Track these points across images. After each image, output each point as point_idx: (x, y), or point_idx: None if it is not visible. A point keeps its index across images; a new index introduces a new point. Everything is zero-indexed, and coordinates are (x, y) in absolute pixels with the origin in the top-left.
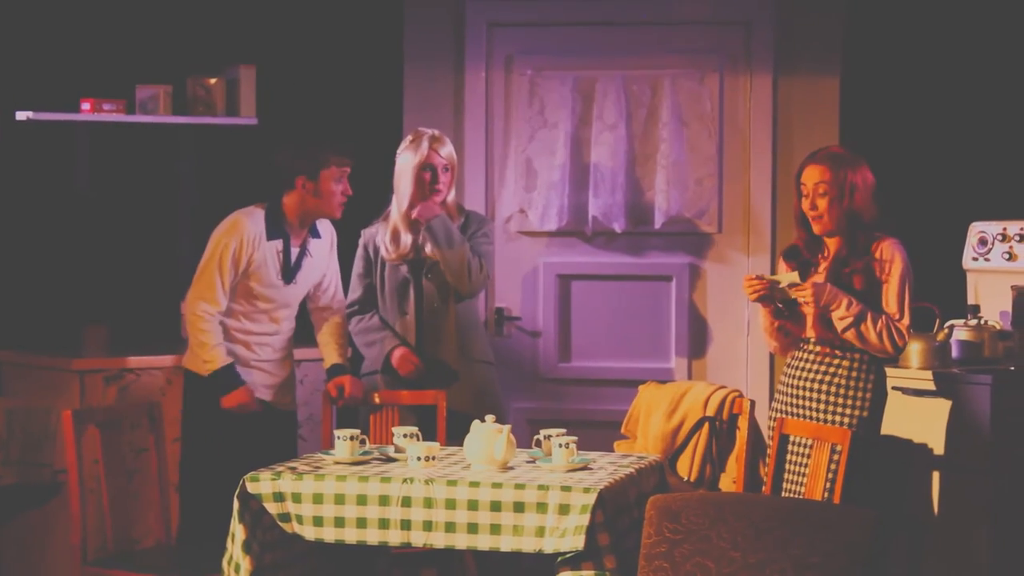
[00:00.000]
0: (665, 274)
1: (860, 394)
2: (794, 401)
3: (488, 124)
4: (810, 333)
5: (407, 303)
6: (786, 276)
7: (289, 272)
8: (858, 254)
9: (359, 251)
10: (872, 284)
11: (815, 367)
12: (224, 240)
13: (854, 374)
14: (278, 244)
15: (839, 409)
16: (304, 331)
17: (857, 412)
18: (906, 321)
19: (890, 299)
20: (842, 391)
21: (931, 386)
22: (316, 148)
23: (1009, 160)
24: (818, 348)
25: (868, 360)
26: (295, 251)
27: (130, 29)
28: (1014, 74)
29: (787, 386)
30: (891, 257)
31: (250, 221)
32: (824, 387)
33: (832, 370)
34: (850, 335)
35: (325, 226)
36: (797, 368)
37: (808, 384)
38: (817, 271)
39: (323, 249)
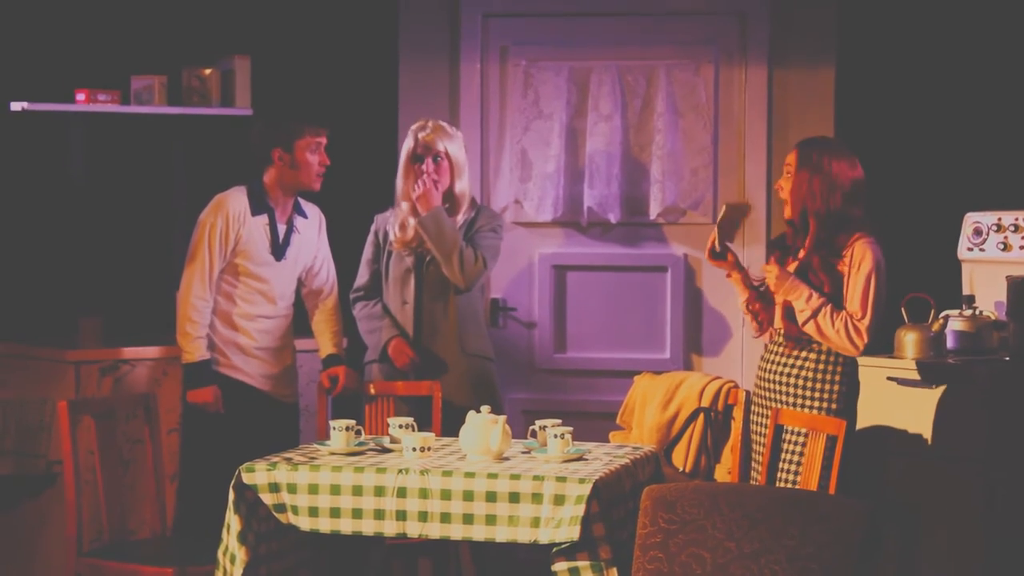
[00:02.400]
0: (660, 265)
1: (828, 387)
2: (766, 395)
3: (483, 115)
4: (779, 325)
5: (408, 292)
6: (737, 208)
7: (279, 248)
8: (817, 246)
9: (370, 236)
10: (837, 280)
11: (783, 359)
12: (210, 219)
13: (820, 367)
14: (264, 219)
15: (807, 403)
16: (300, 321)
17: (825, 406)
18: (867, 321)
19: (853, 297)
20: (809, 383)
21: (926, 376)
22: (289, 119)
23: (1004, 151)
24: (785, 341)
25: (835, 354)
26: (282, 227)
27: (125, 20)
28: (1010, 65)
29: (760, 379)
30: (861, 256)
31: (233, 199)
32: (792, 380)
33: (799, 363)
34: (810, 328)
35: (312, 208)
36: (768, 361)
37: (777, 377)
38: (796, 259)
39: (311, 228)
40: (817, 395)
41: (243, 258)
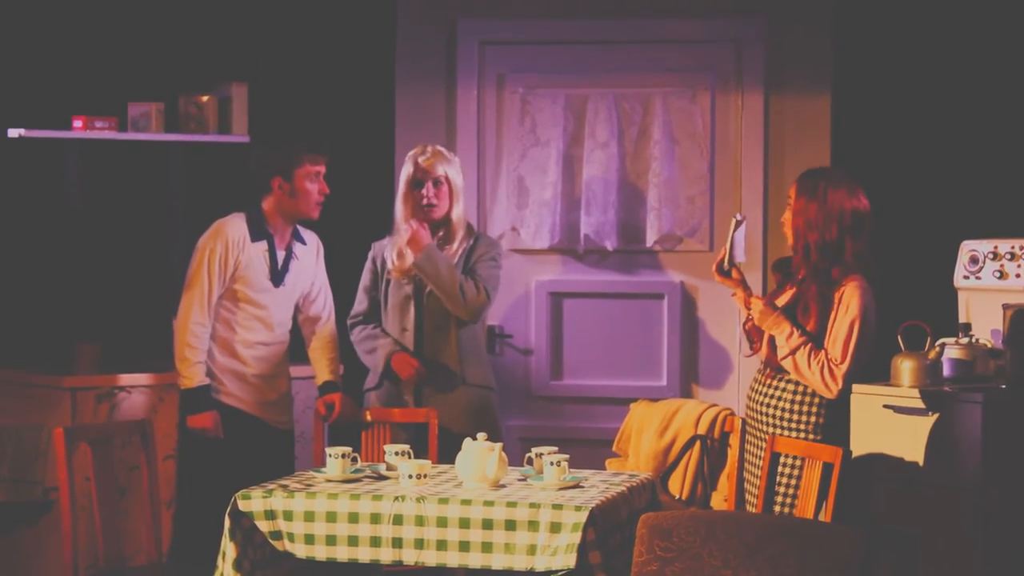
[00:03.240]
0: (657, 292)
1: (804, 418)
2: (754, 422)
3: (480, 142)
4: (764, 352)
5: (407, 320)
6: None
7: (277, 275)
8: (814, 275)
9: (367, 264)
10: (823, 319)
11: (764, 389)
12: (210, 244)
13: (798, 398)
14: (263, 246)
15: (785, 434)
16: (296, 348)
17: (802, 437)
18: (845, 367)
19: (836, 341)
20: (786, 414)
21: (922, 404)
22: (289, 147)
23: (1000, 178)
24: (767, 371)
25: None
26: (281, 254)
27: (122, 47)
28: (1005, 92)
29: (748, 407)
30: (850, 299)
31: (233, 225)
32: (770, 411)
33: (778, 394)
34: (787, 364)
35: (310, 235)
36: (754, 390)
37: (759, 407)
38: (795, 287)
39: (309, 255)
40: (794, 426)
41: (242, 284)
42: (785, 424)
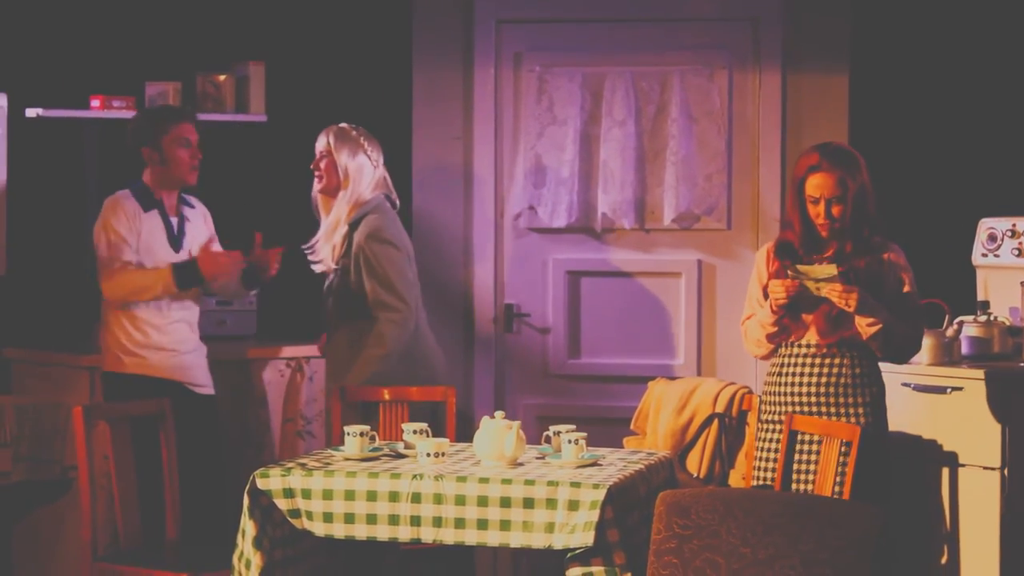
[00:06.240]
0: (674, 271)
1: (866, 390)
2: (794, 407)
3: (497, 120)
4: (811, 333)
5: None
6: (822, 269)
7: (175, 239)
8: (861, 252)
9: None
10: (875, 285)
11: (813, 368)
12: (110, 219)
13: (858, 371)
14: (155, 214)
15: (849, 409)
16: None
17: (869, 408)
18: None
19: (912, 303)
20: (849, 389)
21: (941, 382)
22: (152, 117)
23: (1019, 156)
24: (814, 349)
25: (869, 356)
26: (174, 220)
27: (140, 26)
28: (1023, 70)
29: (784, 391)
30: (904, 263)
31: (123, 200)
32: (827, 388)
33: (836, 370)
34: (877, 340)
35: (197, 202)
36: (793, 369)
37: (808, 388)
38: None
39: (198, 218)
40: (860, 399)
41: (146, 254)
42: (852, 400)
